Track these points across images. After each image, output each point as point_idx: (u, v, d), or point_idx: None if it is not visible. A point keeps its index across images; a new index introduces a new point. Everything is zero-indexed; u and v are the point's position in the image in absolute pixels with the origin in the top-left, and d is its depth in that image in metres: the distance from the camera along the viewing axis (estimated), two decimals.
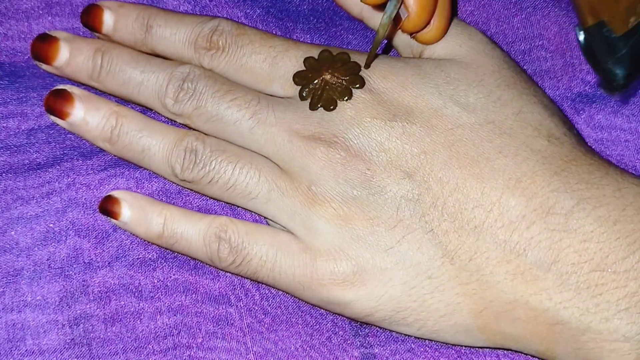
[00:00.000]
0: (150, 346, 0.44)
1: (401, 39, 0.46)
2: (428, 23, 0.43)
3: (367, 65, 0.43)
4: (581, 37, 0.41)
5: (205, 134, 0.44)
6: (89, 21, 0.46)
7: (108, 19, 0.46)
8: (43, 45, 0.46)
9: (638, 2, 0.40)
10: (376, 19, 0.46)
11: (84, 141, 0.46)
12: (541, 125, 0.42)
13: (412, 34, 0.44)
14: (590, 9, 0.40)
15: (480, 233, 0.40)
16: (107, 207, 0.44)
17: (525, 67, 0.48)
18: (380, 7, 0.43)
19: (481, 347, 0.44)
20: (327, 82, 0.43)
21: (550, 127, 0.42)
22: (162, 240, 0.44)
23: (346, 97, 0.43)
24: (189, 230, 0.44)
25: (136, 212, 0.44)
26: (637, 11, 0.40)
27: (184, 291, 0.45)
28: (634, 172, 0.46)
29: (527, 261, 0.40)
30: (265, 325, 0.45)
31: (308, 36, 0.48)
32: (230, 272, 0.45)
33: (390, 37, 0.46)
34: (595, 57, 0.41)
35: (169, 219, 0.44)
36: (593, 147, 0.47)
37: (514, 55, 0.48)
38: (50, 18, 0.48)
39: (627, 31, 0.40)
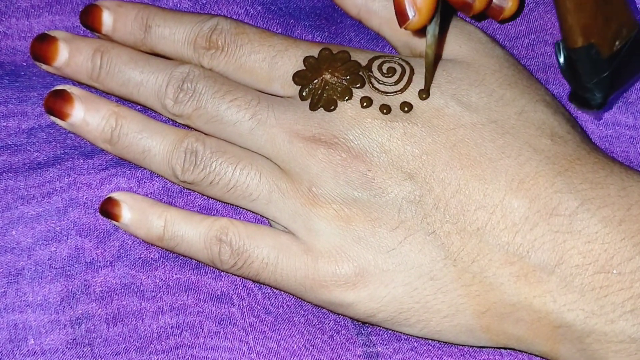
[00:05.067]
0: (153, 346, 0.44)
1: (400, 39, 0.45)
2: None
3: (426, 91, 0.42)
4: (561, 55, 0.41)
5: (206, 135, 0.44)
6: (88, 22, 0.46)
7: (107, 19, 0.46)
8: (42, 46, 0.45)
9: (624, 26, 0.40)
10: (374, 20, 0.46)
11: (85, 140, 0.46)
12: (544, 124, 0.42)
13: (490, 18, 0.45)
14: (582, 31, 0.40)
15: (483, 235, 0.40)
16: (108, 209, 0.44)
17: (528, 62, 0.47)
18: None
19: (484, 347, 0.43)
20: (327, 81, 0.43)
21: (554, 126, 0.42)
22: (163, 243, 0.44)
23: (346, 97, 0.42)
24: (190, 232, 0.43)
25: (136, 215, 0.44)
26: (621, 35, 0.40)
27: (186, 290, 0.45)
28: (639, 169, 0.46)
29: (530, 263, 0.39)
30: (268, 325, 0.44)
31: (309, 34, 0.48)
32: (232, 274, 0.44)
33: (393, 37, 0.45)
34: (579, 76, 0.41)
35: (169, 221, 0.44)
36: (598, 144, 0.46)
37: (517, 51, 0.47)
38: (50, 16, 0.48)
39: (612, 53, 0.40)
